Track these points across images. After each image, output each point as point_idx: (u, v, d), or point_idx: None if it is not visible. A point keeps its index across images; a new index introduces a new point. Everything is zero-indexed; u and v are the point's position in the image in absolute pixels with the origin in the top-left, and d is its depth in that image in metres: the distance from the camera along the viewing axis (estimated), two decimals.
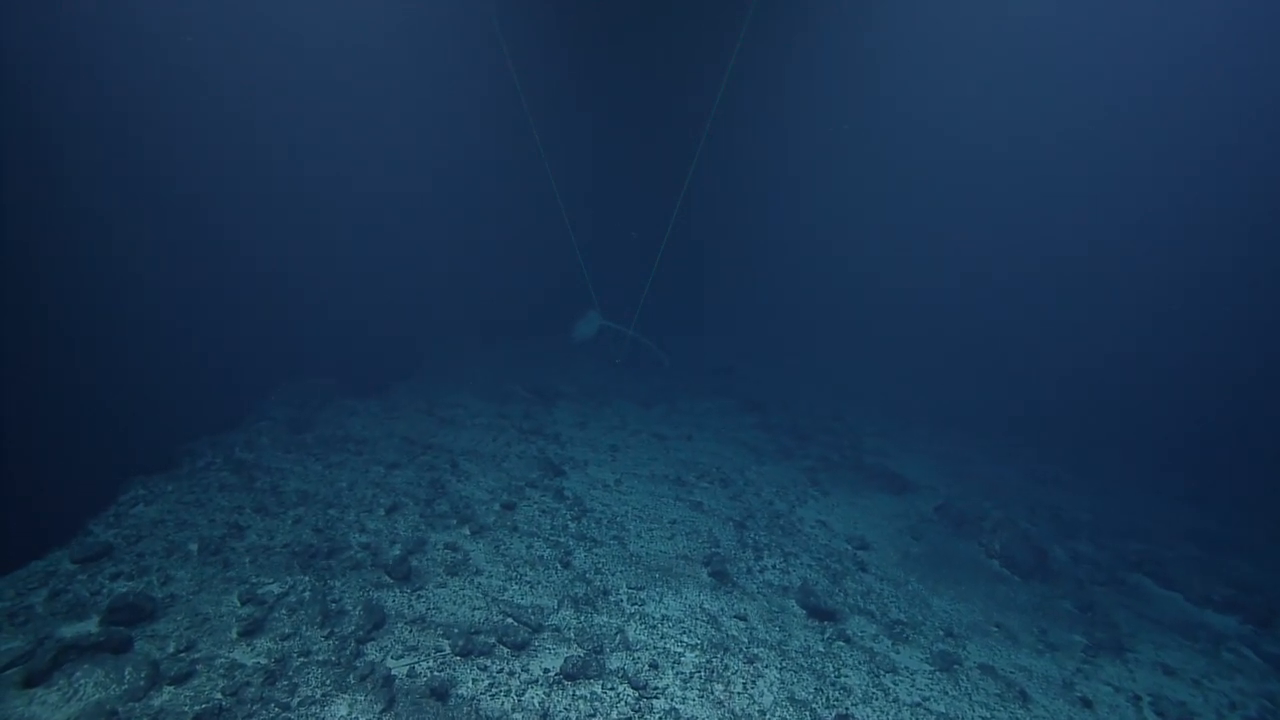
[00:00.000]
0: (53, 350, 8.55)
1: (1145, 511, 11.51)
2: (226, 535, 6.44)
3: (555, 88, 17.82)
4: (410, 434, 9.63)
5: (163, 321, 10.63)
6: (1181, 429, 17.50)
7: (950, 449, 12.82)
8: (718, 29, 15.49)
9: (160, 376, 9.65)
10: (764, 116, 23.25)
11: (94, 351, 9.01)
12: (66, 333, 8.88)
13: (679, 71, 18.65)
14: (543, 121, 11.72)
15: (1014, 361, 22.48)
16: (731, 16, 14.46)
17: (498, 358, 14.11)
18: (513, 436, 10.03)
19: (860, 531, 8.79)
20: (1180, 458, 15.13)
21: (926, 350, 22.09)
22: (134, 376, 9.33)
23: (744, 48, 11.06)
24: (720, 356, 17.51)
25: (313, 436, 9.13)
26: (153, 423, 8.71)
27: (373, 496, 7.72)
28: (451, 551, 6.84)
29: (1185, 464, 14.69)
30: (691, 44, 17.37)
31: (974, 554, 8.57)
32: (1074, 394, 19.79)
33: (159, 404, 9.13)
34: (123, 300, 10.06)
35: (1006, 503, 10.53)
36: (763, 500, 9.18)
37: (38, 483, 6.82)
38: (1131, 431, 17.34)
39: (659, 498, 8.75)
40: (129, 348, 9.60)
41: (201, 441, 8.68)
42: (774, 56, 20.15)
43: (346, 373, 11.93)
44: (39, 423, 7.68)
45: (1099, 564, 8.74)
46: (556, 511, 8.03)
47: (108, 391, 8.81)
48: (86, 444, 7.72)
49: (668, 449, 10.40)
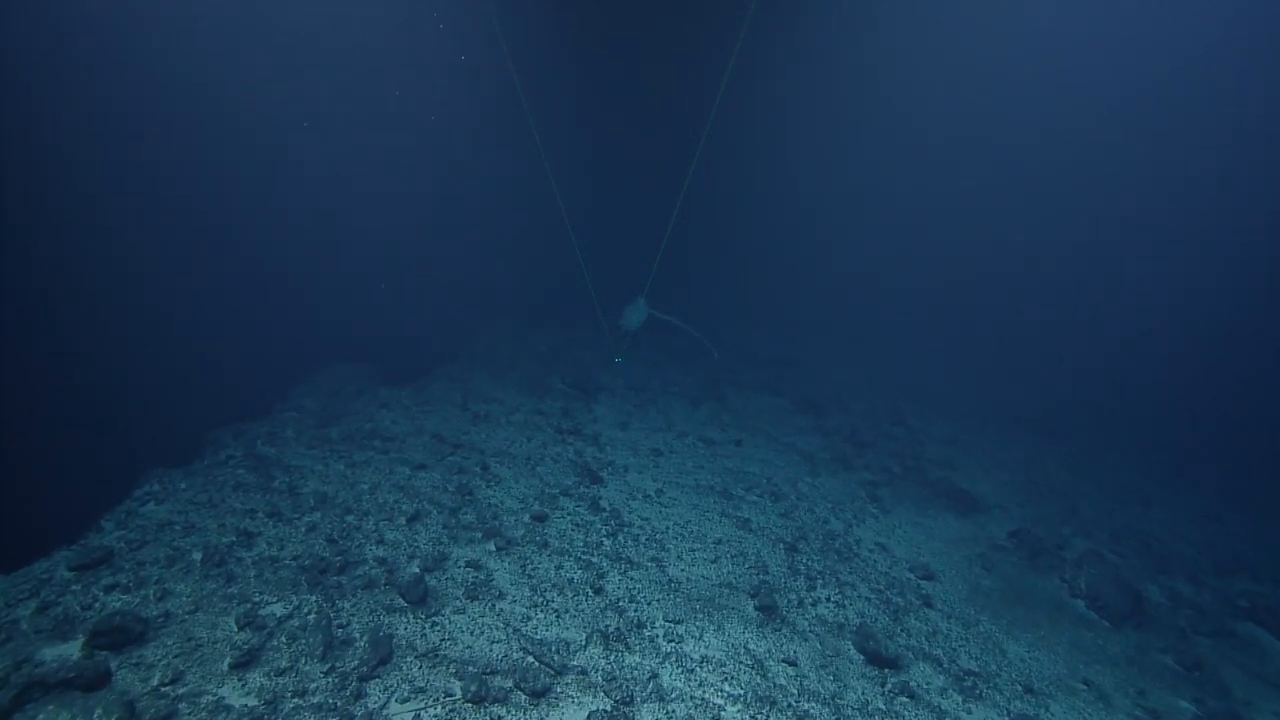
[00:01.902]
0: (77, 338, 8.29)
1: (1248, 538, 10.34)
2: (234, 543, 5.99)
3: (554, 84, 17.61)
4: (441, 431, 9.11)
5: (200, 307, 10.38)
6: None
7: (1022, 458, 11.76)
8: (718, 28, 15.12)
9: (192, 363, 9.37)
10: (815, 104, 22.78)
11: (122, 340, 8.75)
12: (94, 320, 8.64)
13: (680, 66, 18.39)
14: (555, 114, 11.19)
15: (1082, 358, 21.00)
16: (731, 15, 13.93)
17: (542, 345, 13.52)
18: (549, 437, 9.43)
19: (924, 558, 7.93)
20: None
21: (991, 346, 20.78)
22: (165, 363, 9.06)
23: (752, 37, 10.28)
24: (774, 348, 16.60)
25: (339, 431, 8.68)
26: (182, 410, 8.41)
27: (395, 502, 7.20)
28: (473, 570, 6.27)
29: None
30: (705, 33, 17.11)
31: (1055, 591, 7.63)
32: (1150, 393, 18.34)
33: (190, 391, 8.83)
34: (157, 287, 9.82)
35: (1088, 527, 9.51)
36: (817, 518, 8.39)
37: (52, 476, 6.52)
38: (1224, 436, 16.00)
39: (703, 512, 8.04)
40: (162, 335, 9.34)
41: (227, 431, 8.31)
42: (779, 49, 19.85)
43: (387, 358, 11.52)
44: (59, 414, 7.42)
45: (1202, 609, 7.70)
46: (591, 525, 7.40)
47: (133, 379, 8.54)
48: (108, 434, 7.42)
49: (715, 455, 9.67)
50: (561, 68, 18.50)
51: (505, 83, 11.38)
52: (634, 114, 21.11)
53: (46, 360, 7.91)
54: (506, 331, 14.25)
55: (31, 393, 7.37)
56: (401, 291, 14.46)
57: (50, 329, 8.29)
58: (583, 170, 19.56)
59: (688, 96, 16.81)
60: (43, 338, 8.10)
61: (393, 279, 14.83)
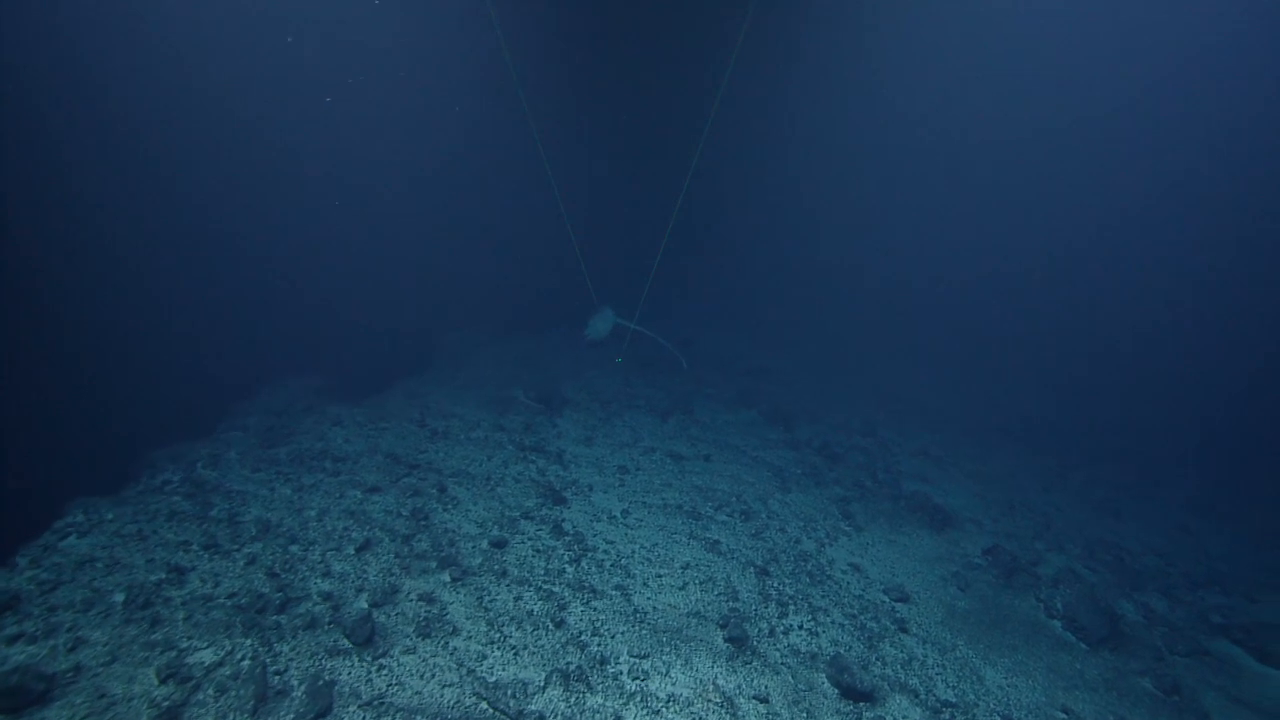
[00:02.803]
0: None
1: (1217, 549, 10.32)
2: (163, 581, 5.52)
3: (559, 79, 17.31)
4: (396, 450, 8.68)
5: (137, 317, 9.80)
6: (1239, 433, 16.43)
7: (996, 469, 11.65)
8: (718, 26, 14.99)
9: (128, 378, 8.81)
10: (789, 110, 22.62)
11: (48, 353, 8.18)
12: (15, 331, 8.04)
13: (679, 67, 18.28)
14: (541, 116, 10.87)
15: (1056, 365, 21.15)
16: (731, 15, 13.81)
17: (508, 354, 13.11)
18: (510, 454, 9.04)
19: (899, 579, 7.70)
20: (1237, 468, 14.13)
21: (966, 351, 20.81)
22: (97, 379, 8.50)
23: (746, 40, 10.10)
24: (748, 355, 16.37)
25: (287, 451, 8.20)
26: (116, 430, 7.87)
27: (344, 529, 6.77)
28: (426, 604, 5.88)
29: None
30: (696, 37, 17.00)
31: (1031, 612, 7.45)
32: (1121, 399, 18.50)
33: (125, 409, 8.29)
34: (88, 294, 9.22)
35: (1062, 541, 9.39)
36: (788, 538, 8.12)
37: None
38: (1187, 441, 16.18)
39: (671, 534, 7.72)
40: (94, 348, 8.76)
41: (165, 453, 7.80)
42: (782, 47, 19.72)
43: (343, 371, 11.04)
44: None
45: (1177, 627, 7.58)
46: (553, 551, 7.04)
47: (61, 397, 7.98)
48: (30, 459, 6.88)
49: (683, 472, 9.35)
50: (556, 64, 18.20)
51: (502, 78, 11.06)
52: (630, 115, 20.95)
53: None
54: (472, 340, 13.83)
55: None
56: (364, 299, 13.96)
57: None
58: (580, 172, 19.18)
59: (678, 99, 16.72)
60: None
61: (359, 285, 14.33)
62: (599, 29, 18.38)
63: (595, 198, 17.82)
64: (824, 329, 20.90)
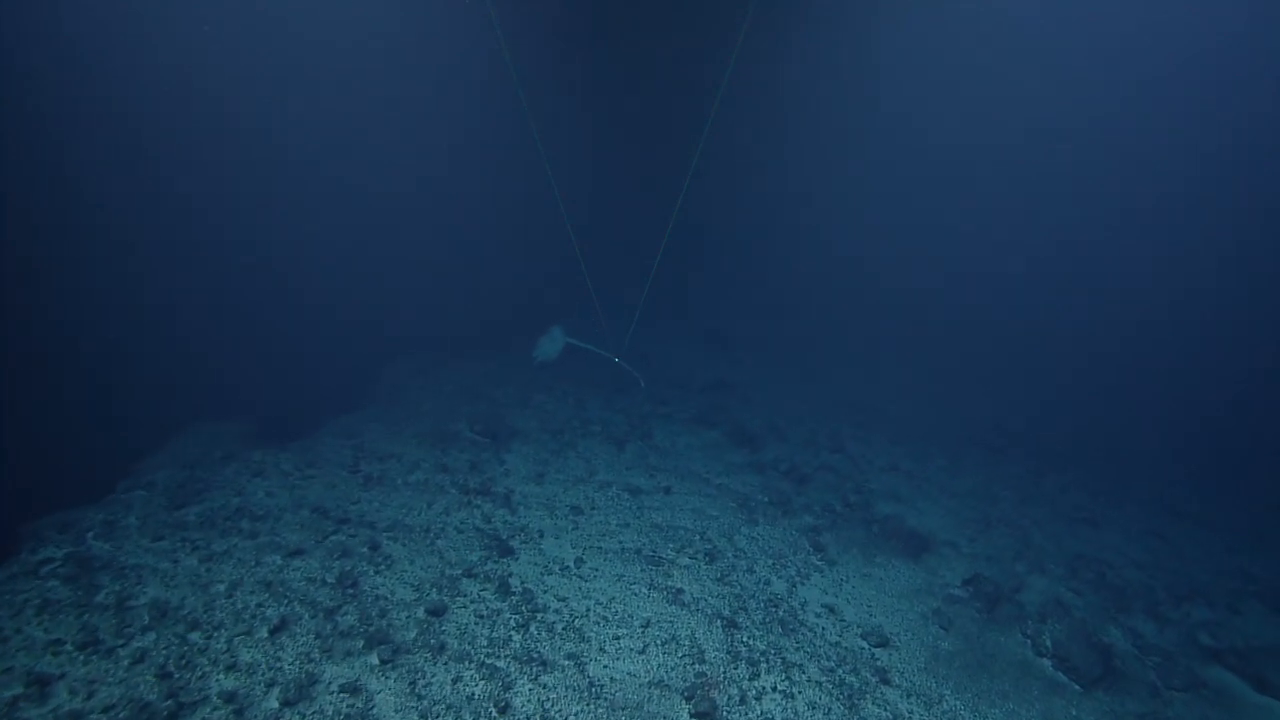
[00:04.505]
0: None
1: (1194, 555, 10.06)
2: (19, 698, 4.65)
3: (552, 83, 17.00)
4: (325, 502, 7.84)
5: (26, 361, 8.80)
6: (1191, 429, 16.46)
7: (969, 484, 11.22)
8: (718, 25, 14.71)
9: (10, 433, 7.83)
10: (764, 112, 22.36)
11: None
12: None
13: (679, 67, 18.06)
14: (540, 116, 10.37)
15: (1023, 364, 21.00)
16: (731, 13, 13.51)
17: (453, 383, 12.27)
18: (453, 500, 8.26)
19: (877, 620, 7.14)
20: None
21: (934, 353, 20.50)
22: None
23: (745, 42, 9.66)
24: (706, 366, 15.76)
25: (198, 512, 7.31)
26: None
27: (257, 606, 5.95)
28: (350, 697, 5.10)
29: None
30: (694, 38, 16.82)
31: (1019, 651, 6.95)
32: (1083, 399, 18.40)
33: (5, 469, 7.33)
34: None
35: (1042, 560, 8.95)
36: (757, 579, 7.50)
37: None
38: (1146, 437, 16.17)
39: (629, 585, 7.04)
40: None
41: (51, 522, 6.86)
42: (775, 50, 19.46)
43: (271, 410, 10.13)
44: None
45: (1169, 655, 7.15)
46: (498, 615, 6.31)
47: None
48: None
49: (642, 508, 8.68)
50: (556, 64, 17.79)
51: (499, 77, 10.58)
52: (630, 113, 20.69)
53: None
54: (416, 365, 12.96)
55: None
56: (296, 327, 13.01)
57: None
58: (578, 176, 18.57)
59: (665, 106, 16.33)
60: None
61: (290, 312, 13.37)
62: (599, 29, 18.05)
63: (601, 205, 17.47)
64: (784, 336, 20.44)
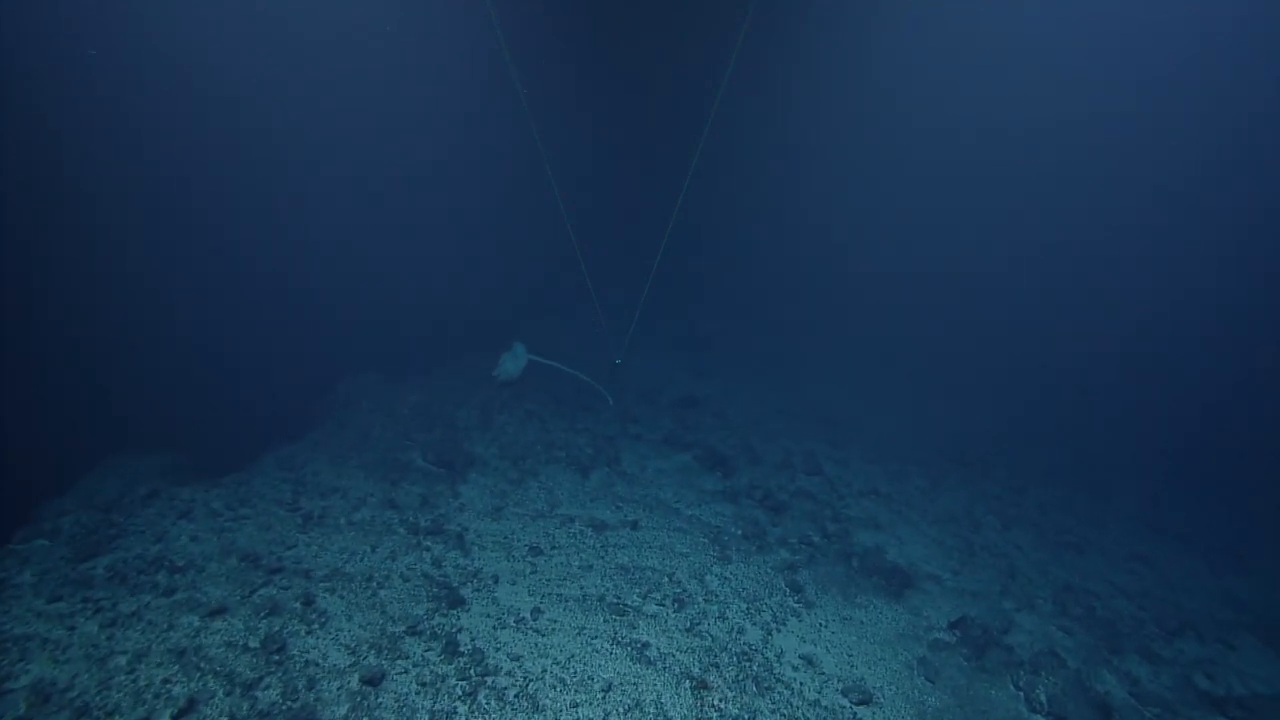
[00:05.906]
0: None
1: (1178, 580, 9.76)
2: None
3: (550, 84, 16.69)
4: (256, 547, 7.11)
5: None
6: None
7: (950, 506, 10.78)
8: (718, 25, 14.11)
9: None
10: (758, 115, 22.17)
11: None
12: None
13: (677, 68, 17.91)
14: (541, 119, 9.93)
15: (991, 378, 20.70)
16: (731, 13, 13.15)
17: (408, 404, 11.53)
18: (400, 541, 7.58)
19: (859, 672, 6.60)
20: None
21: (913, 359, 20.14)
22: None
23: (745, 42, 9.24)
24: (675, 380, 15.19)
25: (107, 563, 6.55)
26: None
27: (163, 683, 5.22)
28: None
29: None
30: (694, 38, 16.60)
31: (1011, 705, 6.45)
32: (1060, 411, 18.16)
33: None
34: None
35: (1030, 595, 8.51)
36: (729, 627, 6.92)
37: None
38: (1126, 443, 16.05)
39: (591, 640, 6.42)
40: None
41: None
42: (775, 51, 19.26)
43: (204, 440, 9.36)
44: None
45: (1168, 705, 6.70)
46: (443, 682, 5.65)
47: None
48: None
49: (607, 546, 8.06)
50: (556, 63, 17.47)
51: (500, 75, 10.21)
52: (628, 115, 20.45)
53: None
54: (369, 385, 12.20)
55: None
56: (234, 345, 12.20)
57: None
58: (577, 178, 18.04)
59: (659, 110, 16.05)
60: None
61: (227, 329, 12.55)
62: (599, 29, 17.90)
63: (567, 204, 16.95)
64: (763, 339, 19.98)
